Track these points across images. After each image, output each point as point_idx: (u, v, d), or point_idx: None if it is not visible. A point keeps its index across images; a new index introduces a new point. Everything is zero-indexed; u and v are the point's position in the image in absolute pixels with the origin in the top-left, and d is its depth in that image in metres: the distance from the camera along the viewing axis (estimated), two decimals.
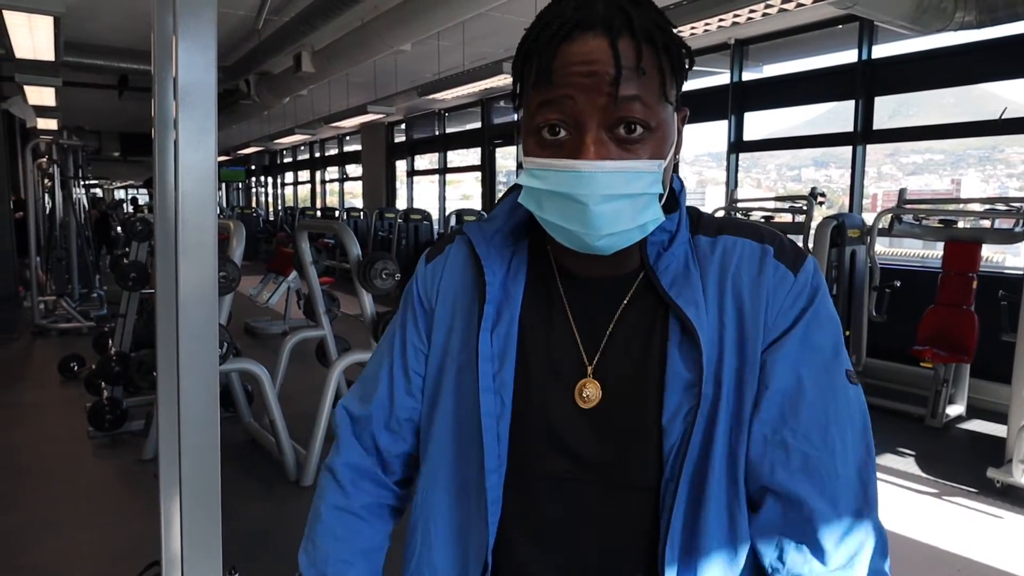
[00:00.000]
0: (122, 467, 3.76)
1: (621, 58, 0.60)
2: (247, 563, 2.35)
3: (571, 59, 0.62)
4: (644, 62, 0.61)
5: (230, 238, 3.64)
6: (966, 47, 5.00)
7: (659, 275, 0.69)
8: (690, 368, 0.65)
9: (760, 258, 0.69)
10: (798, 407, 0.65)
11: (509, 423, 0.69)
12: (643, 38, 0.61)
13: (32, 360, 6.23)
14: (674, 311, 0.67)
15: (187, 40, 1.14)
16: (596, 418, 0.68)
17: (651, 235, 0.69)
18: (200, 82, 1.17)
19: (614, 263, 0.71)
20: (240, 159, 19.00)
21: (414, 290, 0.79)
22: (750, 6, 3.85)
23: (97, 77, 8.09)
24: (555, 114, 0.62)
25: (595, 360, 0.69)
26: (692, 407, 0.64)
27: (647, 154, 0.63)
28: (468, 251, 0.75)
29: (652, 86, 0.62)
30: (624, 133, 0.62)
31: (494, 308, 0.71)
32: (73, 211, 7.97)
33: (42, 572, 2.70)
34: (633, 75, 0.61)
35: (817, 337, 0.67)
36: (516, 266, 0.74)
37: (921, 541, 2.95)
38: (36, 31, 4.01)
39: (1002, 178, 9.08)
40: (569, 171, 0.61)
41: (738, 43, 6.43)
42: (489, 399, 0.68)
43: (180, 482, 1.39)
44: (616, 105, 0.61)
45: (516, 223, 0.76)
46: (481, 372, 0.68)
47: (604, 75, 0.60)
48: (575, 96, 0.61)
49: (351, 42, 5.73)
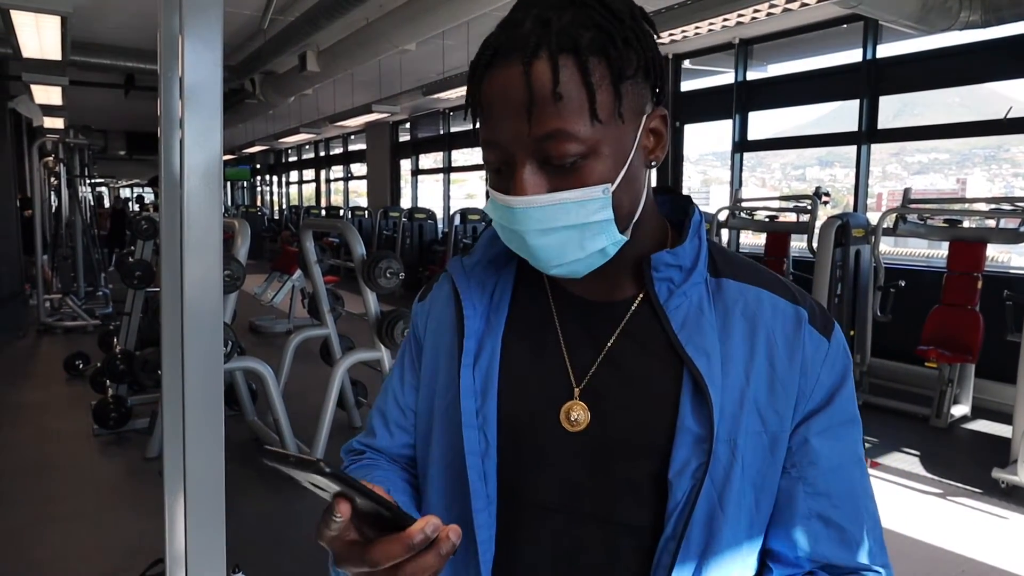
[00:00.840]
0: (126, 465, 3.78)
1: (533, 83, 0.56)
2: (250, 561, 2.36)
3: (491, 93, 0.59)
4: (563, 85, 0.55)
5: (235, 237, 3.65)
6: (971, 46, 4.98)
7: (669, 314, 0.65)
8: (701, 424, 0.61)
9: (796, 323, 0.65)
10: (838, 483, 0.64)
11: (496, 460, 0.66)
12: (562, 50, 0.56)
13: (38, 358, 6.26)
14: (685, 361, 0.63)
15: (193, 40, 1.15)
16: (586, 443, 0.65)
17: (659, 271, 0.66)
18: (206, 81, 1.18)
19: (611, 286, 0.68)
20: (245, 158, 19.04)
21: (411, 327, 0.80)
22: (755, 6, 3.85)
23: (103, 76, 8.11)
24: (491, 153, 0.61)
25: (583, 382, 0.66)
26: (702, 464, 0.61)
27: (590, 180, 0.58)
28: (450, 287, 0.73)
29: (578, 108, 0.56)
30: (556, 164, 0.58)
31: (475, 342, 0.68)
32: (79, 209, 8.00)
33: (47, 568, 2.72)
34: (548, 103, 0.56)
35: (849, 410, 0.66)
36: (500, 294, 0.71)
37: (925, 541, 2.94)
38: (43, 31, 4.02)
39: (1008, 178, 9.04)
40: (505, 206, 0.60)
41: (743, 42, 6.41)
42: (473, 436, 0.65)
43: (184, 480, 1.40)
44: (538, 140, 0.57)
45: (498, 251, 0.73)
46: (463, 409, 0.66)
47: (520, 107, 0.56)
48: (500, 134, 0.59)
49: (356, 41, 5.74)
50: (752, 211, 5.93)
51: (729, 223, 5.98)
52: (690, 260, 0.67)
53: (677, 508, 0.61)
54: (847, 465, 0.65)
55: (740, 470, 0.62)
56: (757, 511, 0.64)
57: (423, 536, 0.48)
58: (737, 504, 0.62)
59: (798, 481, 0.64)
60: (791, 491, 0.64)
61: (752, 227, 5.95)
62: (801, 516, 0.64)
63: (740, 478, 0.62)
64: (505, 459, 0.66)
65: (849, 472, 0.65)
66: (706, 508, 0.61)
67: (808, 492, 0.64)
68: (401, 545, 0.48)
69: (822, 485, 0.64)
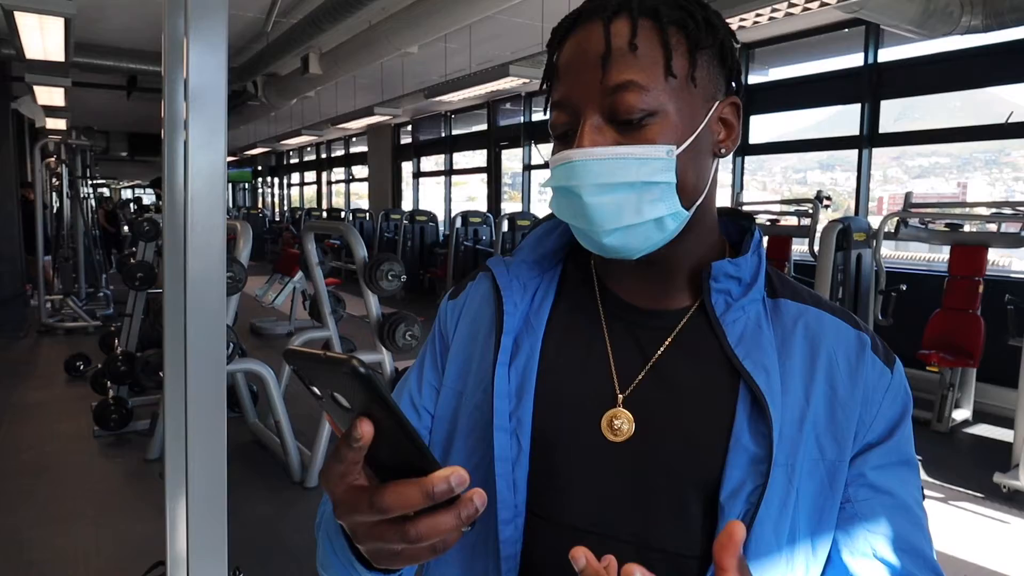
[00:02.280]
0: (127, 466, 3.77)
1: (612, 38, 0.56)
2: (252, 563, 2.36)
3: (570, 53, 0.60)
4: (640, 38, 0.56)
5: (237, 238, 3.66)
6: (972, 51, 4.99)
7: (725, 327, 0.62)
8: (759, 443, 0.57)
9: (859, 347, 0.62)
10: (900, 524, 0.60)
11: (527, 469, 0.61)
12: (642, 13, 0.57)
13: (39, 359, 6.26)
14: (743, 375, 0.59)
15: (199, 42, 1.15)
16: (628, 455, 0.60)
17: (717, 281, 0.63)
18: (211, 83, 1.18)
19: (664, 293, 0.65)
20: (247, 160, 19.07)
21: (435, 327, 0.74)
22: (757, 10, 3.85)
23: (106, 78, 8.13)
24: (559, 114, 0.60)
25: (629, 389, 0.62)
26: (757, 487, 0.56)
27: (656, 139, 0.57)
28: (490, 284, 0.69)
29: (652, 65, 0.57)
30: (623, 119, 0.57)
31: (512, 340, 0.64)
32: (81, 210, 8.01)
33: (47, 570, 2.72)
34: (626, 54, 0.56)
35: (908, 452, 0.62)
36: (542, 295, 0.68)
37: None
38: (46, 32, 4.03)
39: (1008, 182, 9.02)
40: (564, 163, 0.58)
41: (744, 46, 6.42)
42: (504, 440, 0.61)
43: (186, 482, 1.39)
44: (609, 91, 0.57)
45: (545, 252, 0.71)
46: (496, 410, 0.61)
47: (593, 60, 0.57)
48: (571, 89, 0.59)
49: (358, 44, 5.75)
50: (754, 214, 5.93)
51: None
52: (750, 274, 0.64)
53: None
54: (911, 506, 0.61)
55: (796, 498, 0.57)
56: (813, 546, 0.58)
57: (447, 486, 0.40)
58: (792, 535, 0.57)
59: (856, 518, 0.59)
60: (849, 528, 0.59)
61: None
62: (861, 554, 0.59)
63: (795, 507, 0.57)
64: (536, 469, 0.61)
65: (913, 513, 0.60)
66: (760, 537, 0.56)
67: (869, 531, 0.59)
68: (420, 491, 0.40)
69: (883, 525, 0.59)
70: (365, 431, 0.40)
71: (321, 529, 0.62)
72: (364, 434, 0.40)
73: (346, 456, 0.41)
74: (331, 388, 0.40)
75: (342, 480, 0.43)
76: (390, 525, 0.42)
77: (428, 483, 0.40)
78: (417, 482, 0.41)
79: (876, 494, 0.60)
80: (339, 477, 0.43)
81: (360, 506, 0.43)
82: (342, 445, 0.41)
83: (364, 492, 0.43)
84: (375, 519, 0.42)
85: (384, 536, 0.43)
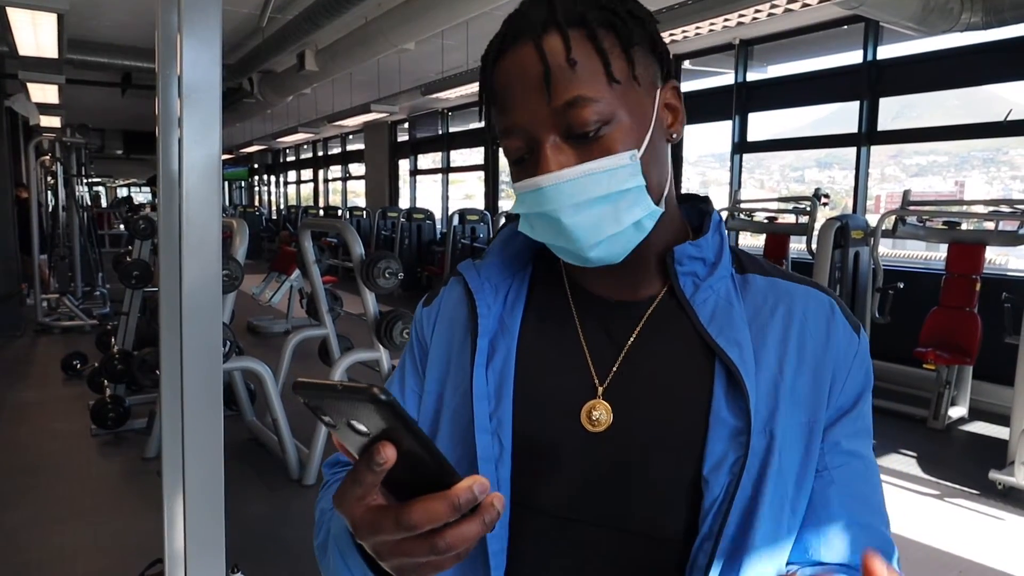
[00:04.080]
0: (125, 465, 3.77)
1: (547, 57, 0.56)
2: (249, 561, 2.35)
3: (506, 77, 0.59)
4: (575, 51, 0.56)
5: (233, 237, 3.65)
6: (972, 48, 4.99)
7: (696, 307, 0.63)
8: (738, 416, 0.59)
9: (829, 311, 0.64)
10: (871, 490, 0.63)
11: (510, 466, 0.62)
12: (570, 24, 0.57)
13: (35, 358, 6.24)
14: (717, 352, 0.61)
15: (192, 38, 1.14)
16: (608, 443, 0.61)
17: (682, 265, 0.65)
18: (205, 80, 1.17)
19: (633, 283, 0.66)
20: (243, 157, 19.02)
21: (412, 334, 0.75)
22: (755, 6, 3.85)
23: (100, 75, 8.10)
24: (512, 140, 0.60)
25: (607, 380, 0.63)
26: (739, 458, 0.58)
27: (616, 147, 0.58)
28: (462, 288, 0.71)
29: (594, 75, 0.57)
30: (579, 134, 0.58)
31: (487, 341, 0.66)
32: (76, 209, 7.99)
33: (45, 569, 2.71)
34: (565, 71, 0.56)
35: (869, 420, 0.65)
36: (514, 296, 0.69)
37: (922, 543, 2.94)
38: (39, 28, 4.01)
39: (1006, 180, 9.06)
40: (534, 189, 0.59)
41: (743, 43, 6.42)
42: (486, 441, 0.62)
43: (183, 480, 1.39)
44: (559, 112, 0.57)
45: (514, 252, 0.72)
46: (476, 412, 0.62)
47: (537, 82, 0.57)
48: (519, 116, 0.58)
49: (355, 41, 5.74)
50: (751, 212, 5.94)
51: (728, 224, 5.98)
52: (713, 253, 0.66)
53: (714, 506, 0.58)
54: (874, 471, 0.64)
55: (778, 463, 0.59)
56: (793, 508, 0.60)
57: (471, 496, 0.41)
58: (775, 499, 0.59)
59: (831, 485, 0.61)
60: (825, 494, 0.61)
61: (751, 228, 5.95)
62: (837, 520, 0.60)
63: (778, 471, 0.59)
64: (519, 466, 0.63)
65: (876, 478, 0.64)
66: (743, 504, 0.58)
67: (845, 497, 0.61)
68: (447, 505, 0.41)
69: (858, 492, 0.62)
70: (389, 455, 0.40)
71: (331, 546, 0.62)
72: (388, 458, 0.40)
73: (365, 479, 0.42)
74: (347, 417, 0.40)
75: (360, 503, 0.43)
76: (416, 540, 0.43)
77: (454, 496, 0.41)
78: (443, 496, 0.41)
79: (850, 459, 0.62)
80: (357, 500, 0.43)
81: (384, 525, 0.43)
82: (361, 469, 0.42)
83: (386, 511, 0.43)
84: (401, 536, 0.43)
85: (412, 551, 0.43)
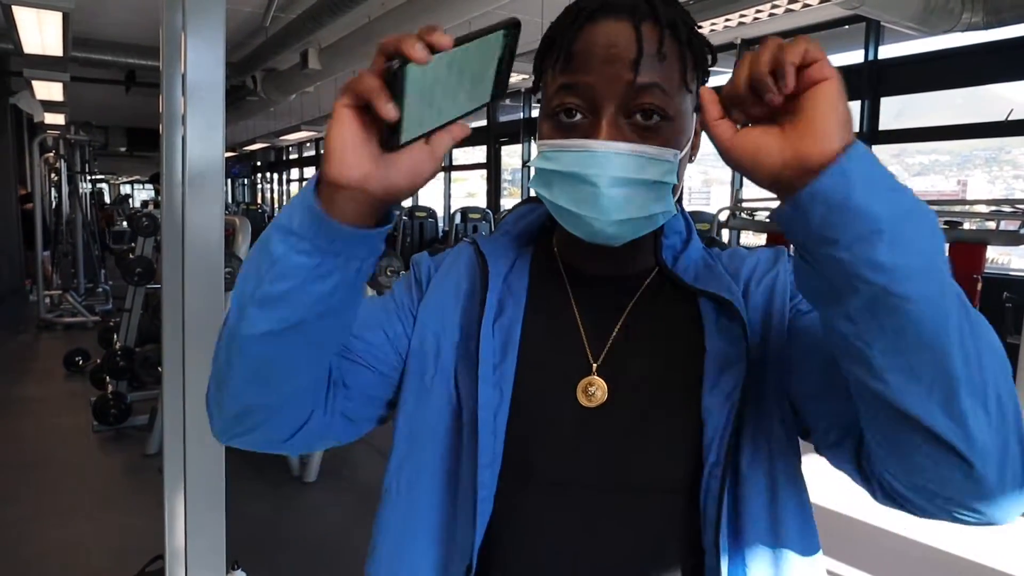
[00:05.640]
0: (126, 461, 3.78)
1: (643, 41, 0.60)
2: (250, 558, 2.36)
3: (593, 42, 0.61)
4: (666, 47, 0.61)
5: (236, 234, 3.65)
6: (973, 48, 4.98)
7: (680, 273, 0.69)
8: (734, 343, 0.63)
9: (775, 256, 0.71)
10: None
11: (507, 418, 0.65)
12: (667, 25, 0.61)
13: (37, 354, 6.26)
14: (706, 296, 0.66)
15: (196, 37, 1.15)
16: (603, 417, 0.65)
17: (665, 237, 0.70)
18: (209, 78, 1.18)
19: (623, 262, 0.71)
20: (246, 155, 19.02)
21: (410, 275, 0.77)
22: (757, 6, 3.84)
23: (105, 72, 8.10)
24: (573, 98, 0.62)
25: (601, 357, 0.67)
26: (738, 384, 0.61)
27: (667, 142, 0.62)
28: (472, 251, 0.73)
29: (673, 74, 0.62)
30: (641, 120, 0.61)
31: (496, 299, 0.68)
32: (79, 206, 8.00)
33: (46, 564, 2.72)
34: (654, 60, 0.60)
35: None
36: (520, 267, 0.73)
37: (920, 542, 2.94)
38: (45, 27, 4.02)
39: (1008, 179, 9.03)
40: (582, 151, 0.60)
41: (744, 43, 6.40)
42: (488, 391, 0.64)
43: (184, 477, 1.40)
44: (635, 91, 0.60)
45: (521, 230, 0.76)
46: (481, 363, 0.65)
47: (624, 58, 0.60)
48: (594, 78, 0.61)
49: (358, 39, 5.74)
50: (752, 211, 5.93)
51: (730, 223, 5.99)
52: (684, 229, 0.73)
53: (716, 437, 0.61)
54: None
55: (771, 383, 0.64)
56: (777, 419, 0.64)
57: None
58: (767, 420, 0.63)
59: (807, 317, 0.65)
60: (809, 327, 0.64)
61: (752, 227, 5.95)
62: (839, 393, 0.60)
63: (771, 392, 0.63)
64: (514, 424, 0.65)
65: None
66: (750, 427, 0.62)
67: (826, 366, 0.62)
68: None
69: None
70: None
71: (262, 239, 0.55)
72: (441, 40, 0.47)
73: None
74: None
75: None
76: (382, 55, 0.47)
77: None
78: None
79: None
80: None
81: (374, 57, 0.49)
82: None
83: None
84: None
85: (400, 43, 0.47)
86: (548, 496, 0.64)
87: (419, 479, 0.68)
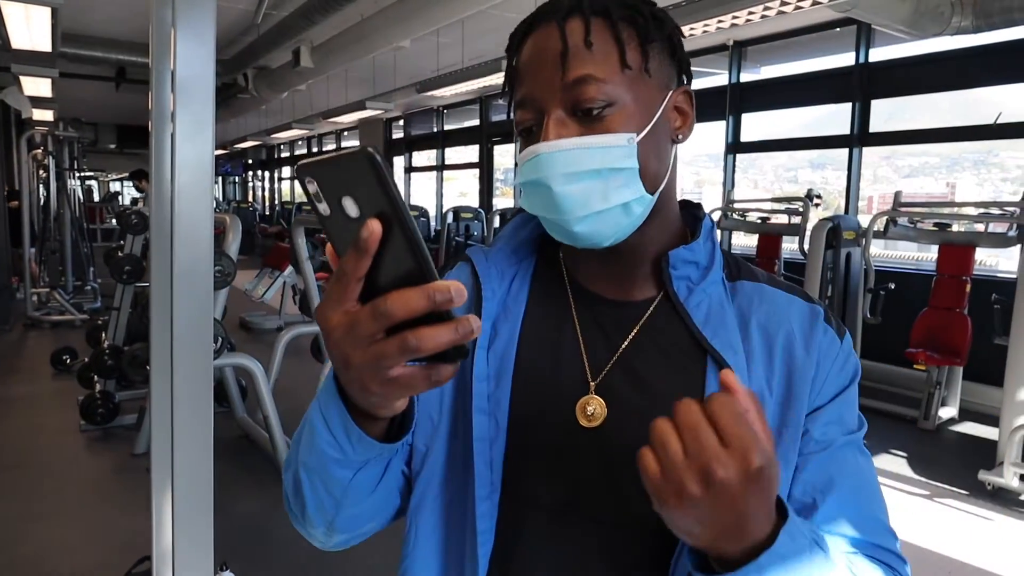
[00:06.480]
0: (114, 461, 3.75)
1: (568, 37, 0.60)
2: (238, 559, 2.35)
3: (528, 54, 0.64)
4: (593, 35, 0.61)
5: (226, 232, 3.63)
6: (963, 52, 5.02)
7: (690, 311, 0.66)
8: None
9: (811, 318, 0.67)
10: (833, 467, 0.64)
11: (504, 448, 0.64)
12: (594, 13, 0.61)
13: (24, 352, 6.21)
14: (711, 353, 0.64)
15: (186, 33, 1.14)
16: (601, 438, 0.63)
17: (676, 269, 0.67)
18: (198, 75, 1.17)
19: (630, 284, 0.68)
20: (237, 153, 18.93)
21: None
22: (749, 8, 3.86)
23: (94, 69, 8.04)
24: (524, 112, 0.64)
25: (600, 377, 0.65)
26: None
27: (616, 129, 0.61)
28: (469, 271, 0.72)
29: (606, 60, 0.61)
30: (585, 113, 0.61)
31: (490, 324, 0.68)
32: (68, 203, 7.93)
33: (32, 565, 2.70)
34: (581, 51, 0.60)
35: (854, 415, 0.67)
36: (519, 284, 0.71)
37: (912, 543, 2.96)
38: (33, 21, 3.98)
39: (996, 182, 9.11)
40: (532, 156, 0.61)
41: (736, 44, 6.43)
42: (482, 421, 0.64)
43: (172, 477, 1.39)
44: (569, 87, 0.61)
45: (520, 241, 0.74)
46: (475, 392, 0.64)
47: (552, 59, 0.61)
48: (533, 87, 0.62)
49: (350, 38, 5.71)
50: (744, 212, 5.96)
51: (721, 224, 6.00)
52: (705, 258, 0.68)
53: None
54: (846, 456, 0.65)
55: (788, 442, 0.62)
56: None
57: (448, 295, 0.41)
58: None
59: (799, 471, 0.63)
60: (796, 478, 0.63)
61: (744, 228, 5.97)
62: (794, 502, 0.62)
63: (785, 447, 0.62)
64: (512, 449, 0.64)
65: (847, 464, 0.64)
66: None
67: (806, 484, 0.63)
68: (422, 294, 0.40)
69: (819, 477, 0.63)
70: (374, 228, 0.40)
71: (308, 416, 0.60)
72: (374, 231, 0.40)
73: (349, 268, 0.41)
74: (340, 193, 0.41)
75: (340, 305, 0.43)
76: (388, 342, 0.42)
77: (431, 288, 0.41)
78: (420, 288, 0.41)
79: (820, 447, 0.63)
80: (337, 301, 0.43)
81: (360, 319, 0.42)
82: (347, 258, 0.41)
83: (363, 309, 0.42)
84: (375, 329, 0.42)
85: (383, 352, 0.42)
86: (549, 525, 0.63)
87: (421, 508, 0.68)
